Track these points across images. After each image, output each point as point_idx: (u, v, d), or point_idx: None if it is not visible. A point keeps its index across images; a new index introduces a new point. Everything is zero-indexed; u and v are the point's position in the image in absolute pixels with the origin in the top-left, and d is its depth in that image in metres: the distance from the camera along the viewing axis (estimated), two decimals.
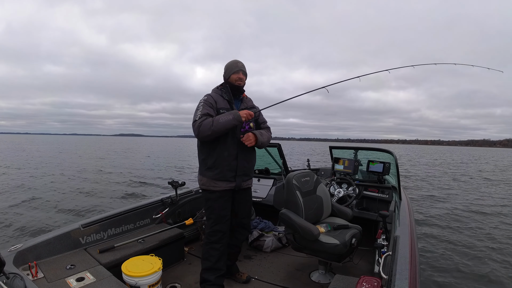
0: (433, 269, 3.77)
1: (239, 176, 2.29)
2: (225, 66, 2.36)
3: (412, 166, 21.36)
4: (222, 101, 2.27)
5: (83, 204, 7.19)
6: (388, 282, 1.49)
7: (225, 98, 2.28)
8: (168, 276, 2.55)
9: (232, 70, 2.29)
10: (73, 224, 2.49)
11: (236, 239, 2.50)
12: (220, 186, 2.26)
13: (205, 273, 2.27)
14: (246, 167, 2.33)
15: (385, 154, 3.63)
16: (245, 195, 2.45)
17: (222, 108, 2.23)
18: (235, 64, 2.31)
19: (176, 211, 3.28)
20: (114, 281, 1.90)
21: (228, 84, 2.32)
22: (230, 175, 2.25)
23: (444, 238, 5.02)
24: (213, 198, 2.29)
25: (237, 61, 2.33)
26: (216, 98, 2.26)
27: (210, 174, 2.24)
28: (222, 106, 2.25)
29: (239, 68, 2.29)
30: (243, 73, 2.32)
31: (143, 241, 2.61)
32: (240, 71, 2.30)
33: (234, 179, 2.27)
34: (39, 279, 1.88)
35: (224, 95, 2.30)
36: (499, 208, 7.50)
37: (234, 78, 2.28)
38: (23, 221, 5.71)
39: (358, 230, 2.53)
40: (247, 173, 2.36)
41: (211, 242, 2.29)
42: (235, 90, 2.32)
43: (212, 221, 2.31)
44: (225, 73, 2.34)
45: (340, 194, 3.50)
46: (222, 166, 2.21)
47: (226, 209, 2.32)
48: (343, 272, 2.31)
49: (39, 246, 2.15)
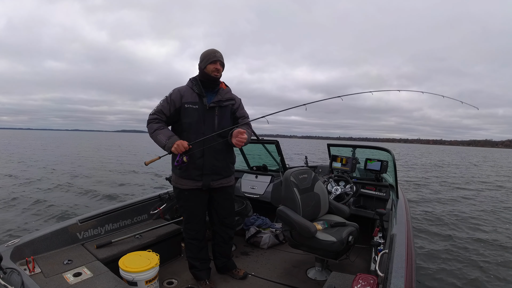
0: (430, 268, 3.80)
1: (207, 175, 2.19)
2: (202, 55, 2.18)
3: (412, 168, 21.38)
4: (191, 95, 2.15)
5: (79, 200, 7.18)
6: (384, 280, 1.50)
7: (195, 91, 2.16)
8: (165, 271, 2.56)
9: (209, 59, 2.12)
10: (71, 219, 2.50)
11: (221, 238, 2.46)
12: (186, 184, 2.20)
13: (191, 260, 2.41)
14: (215, 165, 2.21)
15: (383, 153, 3.64)
16: (223, 194, 2.35)
17: (188, 103, 2.13)
18: (212, 53, 2.13)
19: (173, 207, 3.28)
20: (111, 277, 1.90)
21: (202, 75, 2.18)
22: (196, 174, 2.17)
23: (441, 236, 5.06)
24: (183, 197, 2.27)
25: (215, 50, 2.15)
26: (185, 92, 2.16)
27: (177, 171, 2.20)
28: (190, 100, 2.14)
29: (217, 58, 2.13)
30: (220, 63, 2.16)
31: (140, 236, 2.61)
32: (218, 61, 2.13)
33: (200, 178, 2.18)
34: (36, 274, 1.88)
35: (194, 87, 2.17)
36: (500, 209, 7.54)
37: (211, 68, 2.12)
38: (20, 216, 5.70)
39: (355, 228, 2.55)
40: (217, 171, 2.23)
41: (188, 238, 2.37)
42: (211, 82, 2.18)
43: (184, 220, 2.36)
44: (201, 63, 2.17)
45: (338, 192, 3.51)
46: (187, 163, 2.11)
47: (197, 209, 2.29)
48: (340, 270, 2.32)
49: (37, 241, 2.14)
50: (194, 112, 2.14)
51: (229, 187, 2.39)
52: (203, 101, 2.15)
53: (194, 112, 2.14)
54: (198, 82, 2.18)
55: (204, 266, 2.41)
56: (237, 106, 2.30)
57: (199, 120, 2.14)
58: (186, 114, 2.14)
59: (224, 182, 2.30)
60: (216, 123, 2.18)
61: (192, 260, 2.40)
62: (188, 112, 2.14)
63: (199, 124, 2.14)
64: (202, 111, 2.15)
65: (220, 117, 2.20)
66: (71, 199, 7.18)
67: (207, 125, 2.15)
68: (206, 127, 2.15)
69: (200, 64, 2.18)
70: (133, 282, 2.01)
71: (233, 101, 2.27)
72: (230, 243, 2.54)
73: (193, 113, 2.14)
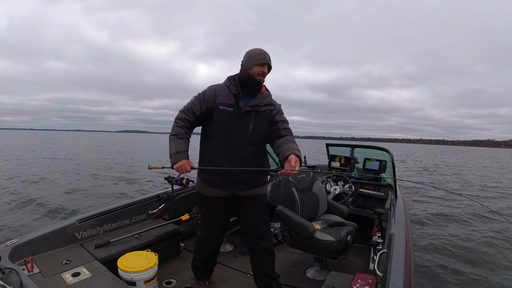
0: (428, 267, 3.81)
1: (235, 185, 2.00)
2: (249, 54, 1.93)
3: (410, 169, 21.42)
4: (226, 95, 1.93)
5: (78, 200, 7.16)
6: (383, 280, 1.50)
7: (231, 91, 1.94)
8: (163, 271, 2.56)
9: (257, 61, 1.88)
10: (69, 219, 2.48)
11: (256, 252, 2.17)
12: (211, 192, 2.05)
13: (195, 262, 2.36)
14: (245, 175, 1.98)
15: (382, 152, 3.65)
16: (253, 202, 2.10)
17: (223, 104, 1.91)
18: (261, 54, 1.89)
19: (172, 206, 3.28)
20: (109, 277, 1.90)
21: (244, 76, 1.93)
22: (223, 182, 1.99)
23: (439, 236, 5.07)
24: (205, 204, 2.15)
25: (265, 51, 1.90)
26: (220, 91, 1.95)
27: (203, 175, 2.05)
28: (224, 101, 1.92)
29: (266, 61, 1.89)
30: (268, 67, 1.93)
31: (139, 236, 2.61)
32: (266, 65, 1.91)
33: (227, 186, 2.00)
34: (35, 274, 1.88)
35: (231, 87, 1.95)
36: (503, 209, 7.56)
37: (257, 71, 1.88)
38: (19, 216, 5.68)
39: (353, 228, 2.55)
40: (247, 182, 2.02)
41: (201, 244, 2.29)
42: (252, 85, 1.94)
43: (202, 227, 2.27)
44: (247, 62, 1.91)
45: (336, 192, 3.51)
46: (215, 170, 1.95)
47: (219, 219, 2.17)
48: (338, 269, 2.33)
49: (35, 241, 2.14)
50: (228, 115, 1.92)
51: (261, 195, 2.14)
52: (239, 104, 1.93)
53: (227, 115, 1.92)
54: (237, 82, 1.95)
55: (208, 269, 2.38)
56: (276, 112, 2.04)
57: (231, 125, 1.93)
58: (219, 117, 1.93)
59: (254, 192, 2.08)
60: (250, 130, 1.95)
61: (197, 262, 2.35)
62: (221, 114, 1.92)
63: (231, 129, 1.93)
64: (236, 115, 1.92)
65: (255, 123, 1.96)
66: (69, 199, 7.16)
67: (239, 131, 1.93)
68: (238, 133, 1.93)
69: (245, 63, 1.92)
70: (132, 282, 2.01)
71: (272, 106, 2.02)
72: (269, 258, 2.18)
73: (226, 116, 1.92)
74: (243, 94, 1.94)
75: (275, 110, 2.03)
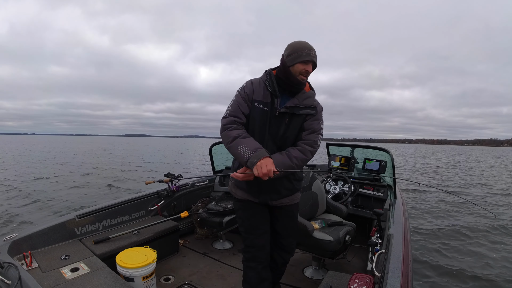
0: (426, 268, 3.82)
1: (265, 194, 1.81)
2: (291, 47, 1.65)
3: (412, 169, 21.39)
4: (263, 92, 1.70)
5: (78, 196, 7.18)
6: (381, 280, 1.50)
7: (268, 88, 1.71)
8: (162, 268, 2.57)
9: (301, 57, 1.61)
10: (69, 215, 2.49)
11: (275, 263, 2.03)
12: (241, 196, 1.86)
13: None
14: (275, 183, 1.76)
15: (382, 153, 3.64)
16: (284, 212, 1.92)
17: (259, 102, 1.69)
18: (306, 49, 1.61)
19: (171, 203, 3.28)
20: (108, 272, 1.90)
21: (284, 73, 1.67)
22: (253, 189, 1.81)
23: (438, 237, 5.08)
24: (239, 207, 1.92)
25: (309, 46, 1.63)
26: (257, 87, 1.72)
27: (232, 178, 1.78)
28: (260, 98, 1.70)
29: (311, 58, 1.62)
30: (313, 65, 1.66)
31: (138, 232, 2.61)
32: (311, 62, 1.64)
33: (257, 194, 1.82)
34: (34, 269, 1.88)
35: (267, 83, 1.72)
36: (502, 209, 7.55)
37: (300, 69, 1.63)
38: (18, 211, 5.69)
39: (352, 227, 2.55)
40: (277, 190, 1.81)
41: (246, 259, 1.91)
42: (293, 84, 1.69)
43: (243, 233, 1.91)
44: (288, 57, 1.64)
45: (336, 191, 3.51)
46: None
47: (258, 220, 1.87)
48: (336, 269, 2.33)
49: (34, 236, 2.14)
50: (262, 114, 1.70)
51: (293, 205, 1.94)
52: (275, 102, 1.70)
53: (261, 115, 1.70)
54: (272, 78, 1.71)
55: None
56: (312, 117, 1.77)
57: (264, 126, 1.71)
58: (253, 115, 1.71)
59: (285, 202, 1.88)
60: (281, 133, 1.72)
61: None
62: (255, 113, 1.71)
63: (262, 130, 1.71)
64: (270, 115, 1.71)
65: (288, 126, 1.72)
66: (69, 195, 7.18)
67: (270, 134, 1.72)
68: (269, 136, 1.72)
69: (286, 59, 1.66)
70: (130, 278, 2.02)
71: (312, 110, 1.75)
72: (282, 269, 2.13)
73: (261, 116, 1.70)
74: (281, 92, 1.72)
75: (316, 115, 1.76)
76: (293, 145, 1.76)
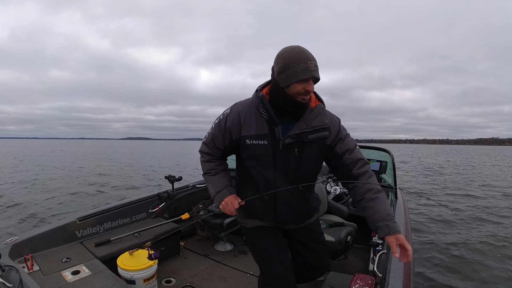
0: (428, 268, 3.81)
1: (280, 223, 1.60)
2: (282, 59, 1.26)
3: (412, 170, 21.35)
4: (256, 123, 1.37)
5: (78, 199, 7.18)
6: (382, 280, 1.50)
7: (263, 115, 1.36)
8: (163, 270, 2.56)
9: (296, 75, 1.22)
10: (69, 217, 2.49)
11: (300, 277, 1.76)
12: (253, 224, 1.62)
13: None
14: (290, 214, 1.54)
15: (382, 153, 3.64)
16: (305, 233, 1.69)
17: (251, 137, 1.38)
18: (303, 63, 1.21)
19: (172, 205, 3.28)
20: (109, 275, 1.90)
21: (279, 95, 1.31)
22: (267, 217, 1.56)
23: (439, 236, 5.07)
24: (251, 235, 1.66)
25: (307, 56, 1.23)
26: (247, 117, 1.38)
27: (240, 209, 1.52)
28: (253, 132, 1.37)
29: (311, 75, 1.22)
30: (314, 80, 1.27)
31: (139, 235, 2.61)
32: (311, 79, 1.24)
33: (272, 221, 1.57)
34: (35, 272, 1.88)
35: (262, 110, 1.35)
36: (502, 209, 7.53)
37: (298, 89, 1.26)
38: (19, 214, 5.70)
39: (353, 228, 2.55)
40: (293, 220, 1.61)
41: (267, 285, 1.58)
42: (293, 107, 1.33)
43: (260, 264, 1.62)
44: (281, 75, 1.27)
45: (337, 192, 3.51)
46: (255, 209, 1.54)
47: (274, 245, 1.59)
48: (338, 270, 2.33)
49: (35, 239, 2.14)
50: (260, 150, 1.39)
51: (313, 224, 1.72)
52: (275, 132, 1.36)
53: (259, 151, 1.39)
54: (267, 105, 1.34)
55: None
56: (334, 137, 1.43)
57: (267, 163, 1.40)
58: (249, 153, 1.42)
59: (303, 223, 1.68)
60: (293, 168, 1.41)
61: None
62: (250, 150, 1.41)
63: (267, 168, 1.41)
64: (272, 150, 1.38)
65: (300, 159, 1.40)
66: (69, 198, 7.18)
67: (278, 170, 1.41)
68: (278, 173, 1.42)
69: (278, 77, 1.28)
70: (131, 281, 2.02)
71: (325, 132, 1.39)
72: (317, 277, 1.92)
73: (259, 152, 1.39)
74: (281, 117, 1.37)
75: (332, 136, 1.42)
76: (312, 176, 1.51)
